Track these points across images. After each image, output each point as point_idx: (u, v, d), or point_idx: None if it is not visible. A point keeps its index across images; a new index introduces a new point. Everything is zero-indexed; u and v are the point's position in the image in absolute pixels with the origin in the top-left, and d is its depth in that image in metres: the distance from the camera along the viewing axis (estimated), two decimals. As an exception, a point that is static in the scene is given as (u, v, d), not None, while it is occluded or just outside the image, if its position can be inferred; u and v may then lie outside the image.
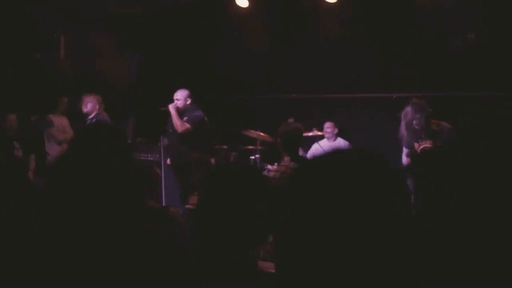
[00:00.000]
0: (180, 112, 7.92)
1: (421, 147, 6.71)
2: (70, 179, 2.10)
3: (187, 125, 7.80)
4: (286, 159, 5.34)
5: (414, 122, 6.53)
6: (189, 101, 7.95)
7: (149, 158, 9.55)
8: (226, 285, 1.97)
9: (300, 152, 8.85)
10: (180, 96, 7.94)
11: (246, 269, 2.02)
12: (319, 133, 8.95)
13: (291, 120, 8.93)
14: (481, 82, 8.72)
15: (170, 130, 8.05)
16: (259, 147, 9.07)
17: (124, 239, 2.06)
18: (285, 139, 5.37)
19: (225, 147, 9.28)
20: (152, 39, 10.41)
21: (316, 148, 8.97)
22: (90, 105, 8.35)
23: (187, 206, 7.40)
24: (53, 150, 8.34)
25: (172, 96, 8.07)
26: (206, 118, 7.96)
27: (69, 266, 1.98)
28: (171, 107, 7.86)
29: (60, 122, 8.59)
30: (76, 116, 8.57)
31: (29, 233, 2.26)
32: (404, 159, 7.03)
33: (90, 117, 8.32)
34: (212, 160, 8.32)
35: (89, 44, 9.55)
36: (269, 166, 8.99)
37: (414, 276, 1.59)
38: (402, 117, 6.62)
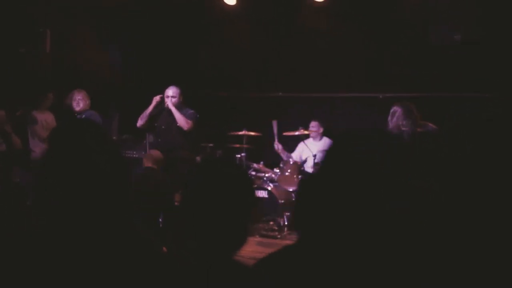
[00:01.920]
0: (177, 108, 7.92)
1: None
2: (56, 178, 2.08)
3: (191, 122, 7.83)
4: None
5: (402, 127, 6.53)
6: (181, 99, 7.99)
7: (134, 155, 9.50)
8: (213, 284, 1.96)
9: (285, 153, 8.90)
10: (175, 93, 7.95)
11: (231, 267, 2.01)
12: (305, 132, 8.96)
13: (274, 121, 8.96)
14: (468, 83, 8.77)
15: (163, 127, 8.01)
16: (245, 146, 9.07)
17: (114, 237, 2.05)
18: None
19: (211, 145, 9.26)
20: (138, 34, 10.36)
21: (302, 148, 8.98)
22: (82, 103, 8.33)
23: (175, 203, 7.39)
24: (36, 146, 8.26)
25: (156, 92, 8.05)
26: (197, 115, 8.00)
27: (59, 263, 1.97)
28: (171, 105, 7.86)
29: (44, 118, 8.50)
30: (62, 112, 8.50)
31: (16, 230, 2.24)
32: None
33: (80, 113, 8.28)
34: (198, 158, 8.31)
35: (74, 39, 9.48)
36: (255, 165, 9.01)
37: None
38: (390, 117, 6.61)
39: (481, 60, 8.68)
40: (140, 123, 8.04)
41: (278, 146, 8.89)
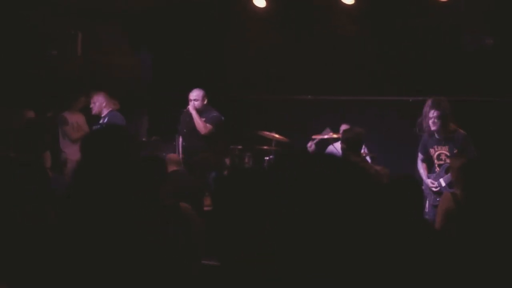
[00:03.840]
0: (198, 112, 7.92)
1: (437, 153, 6.66)
2: (87, 185, 2.12)
3: (210, 126, 7.84)
4: None
5: (430, 120, 6.47)
6: (205, 101, 7.98)
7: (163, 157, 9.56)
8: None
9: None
10: (198, 96, 7.94)
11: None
12: (334, 135, 8.92)
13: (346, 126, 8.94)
14: (497, 87, 8.65)
15: (185, 130, 8.03)
16: (274, 148, 9.06)
17: (136, 238, 2.07)
18: (348, 144, 5.84)
19: (240, 147, 9.26)
20: (167, 37, 10.43)
21: (331, 151, 8.92)
22: (96, 106, 8.30)
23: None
24: (67, 147, 8.33)
25: (186, 94, 8.08)
26: (223, 118, 7.99)
27: (83, 263, 1.99)
28: (191, 109, 7.87)
29: (76, 119, 8.58)
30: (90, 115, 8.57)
31: (47, 230, 2.28)
32: (419, 165, 6.97)
33: (102, 115, 8.30)
34: (227, 161, 8.32)
35: (104, 42, 9.58)
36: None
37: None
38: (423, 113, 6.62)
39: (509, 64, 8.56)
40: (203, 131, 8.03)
41: (311, 145, 8.94)
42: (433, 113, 6.48)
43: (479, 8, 8.38)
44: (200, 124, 7.83)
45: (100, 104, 8.28)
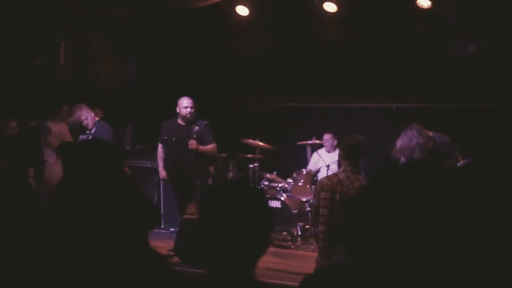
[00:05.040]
0: (191, 120, 7.80)
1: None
2: (71, 202, 2.15)
3: (215, 145, 7.90)
4: (341, 168, 5.46)
5: (414, 154, 6.39)
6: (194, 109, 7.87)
7: (147, 165, 9.54)
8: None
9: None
10: (191, 104, 7.79)
11: (246, 282, 2.03)
12: (318, 141, 8.96)
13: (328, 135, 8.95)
14: (481, 92, 8.71)
15: (173, 139, 7.85)
16: (258, 156, 9.08)
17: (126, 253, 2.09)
18: (347, 151, 5.45)
19: (224, 155, 9.26)
20: (151, 45, 10.42)
21: (317, 158, 8.93)
22: (88, 120, 8.37)
23: (185, 216, 7.39)
24: (50, 157, 8.28)
25: (172, 102, 7.98)
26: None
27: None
28: (195, 145, 7.62)
29: (59, 129, 8.55)
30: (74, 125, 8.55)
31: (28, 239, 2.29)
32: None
33: (89, 127, 8.32)
34: (211, 169, 8.30)
35: (87, 50, 9.56)
36: (268, 175, 9.01)
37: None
38: (401, 140, 6.44)
39: (495, 70, 8.62)
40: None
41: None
42: (418, 152, 6.39)
43: (466, 15, 8.44)
44: (212, 149, 7.88)
45: (91, 117, 8.33)
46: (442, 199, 1.84)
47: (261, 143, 9.02)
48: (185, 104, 7.77)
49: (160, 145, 8.05)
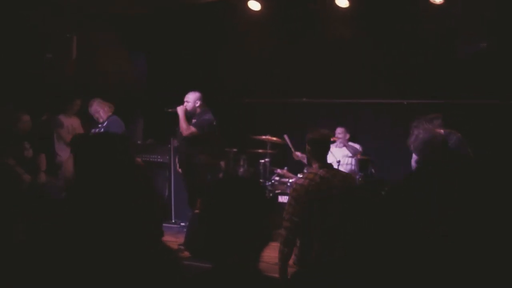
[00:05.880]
0: (190, 114, 7.81)
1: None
2: (83, 195, 2.16)
3: (193, 129, 7.64)
4: (315, 166, 5.25)
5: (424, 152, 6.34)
6: (198, 104, 7.78)
7: (158, 160, 9.56)
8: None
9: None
10: (190, 99, 7.79)
11: (249, 274, 2.06)
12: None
13: (285, 135, 8.91)
14: (492, 89, 8.67)
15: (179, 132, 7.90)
16: (269, 151, 9.07)
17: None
18: (313, 146, 5.25)
19: (235, 150, 9.27)
20: (162, 40, 10.43)
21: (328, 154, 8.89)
22: (100, 114, 8.42)
23: (196, 210, 7.41)
24: (62, 150, 8.33)
25: (182, 97, 7.99)
26: (215, 122, 7.84)
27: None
28: (179, 109, 7.71)
29: (71, 123, 8.59)
30: (89, 117, 8.58)
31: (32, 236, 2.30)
32: (413, 165, 6.97)
33: (101, 120, 8.37)
34: (222, 163, 8.31)
35: (98, 45, 9.58)
36: (279, 171, 9.00)
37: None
38: (413, 138, 6.40)
39: (506, 67, 8.58)
40: (184, 133, 7.86)
41: (297, 155, 8.76)
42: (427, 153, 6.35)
43: (475, 12, 8.40)
44: (182, 125, 7.67)
45: (104, 111, 8.37)
46: (444, 199, 1.82)
47: (272, 138, 9.00)
48: (184, 99, 7.88)
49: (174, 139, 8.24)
